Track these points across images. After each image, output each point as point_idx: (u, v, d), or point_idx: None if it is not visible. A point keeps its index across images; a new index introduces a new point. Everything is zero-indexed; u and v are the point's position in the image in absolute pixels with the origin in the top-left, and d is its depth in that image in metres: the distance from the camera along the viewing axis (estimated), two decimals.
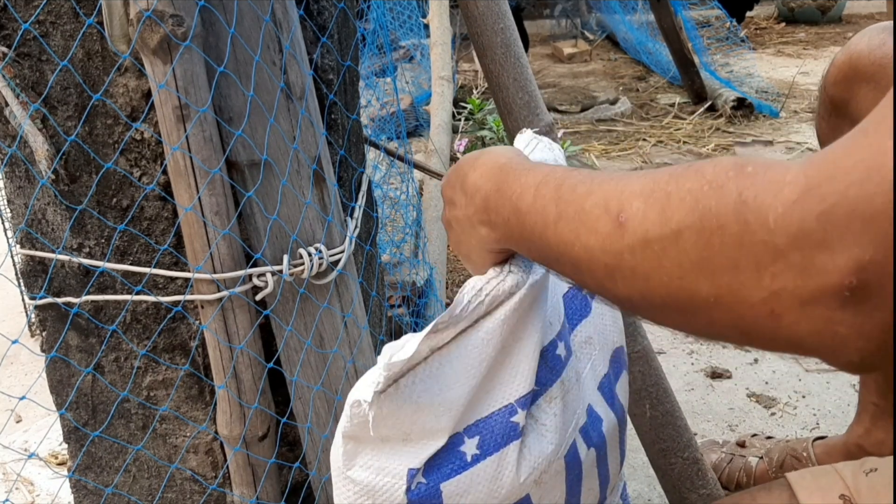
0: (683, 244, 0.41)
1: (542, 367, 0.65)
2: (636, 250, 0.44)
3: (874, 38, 0.96)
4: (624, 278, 0.45)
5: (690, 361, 1.68)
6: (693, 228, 0.40)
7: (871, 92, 0.96)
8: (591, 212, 0.47)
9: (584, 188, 0.49)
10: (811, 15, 5.20)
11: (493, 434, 0.60)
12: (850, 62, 0.98)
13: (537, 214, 0.53)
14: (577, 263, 0.49)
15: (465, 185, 0.62)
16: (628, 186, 0.46)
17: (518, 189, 0.55)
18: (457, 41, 3.68)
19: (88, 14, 0.74)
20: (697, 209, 0.41)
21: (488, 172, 0.60)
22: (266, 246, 0.81)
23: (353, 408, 0.57)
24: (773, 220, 0.37)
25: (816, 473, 0.70)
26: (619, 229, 0.45)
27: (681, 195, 0.42)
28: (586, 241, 0.47)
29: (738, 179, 0.40)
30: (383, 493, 0.58)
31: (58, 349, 0.88)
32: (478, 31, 1.16)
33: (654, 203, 0.43)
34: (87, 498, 0.95)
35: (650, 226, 0.43)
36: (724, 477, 1.27)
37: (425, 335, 0.56)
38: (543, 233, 0.52)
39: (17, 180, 0.85)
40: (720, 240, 0.39)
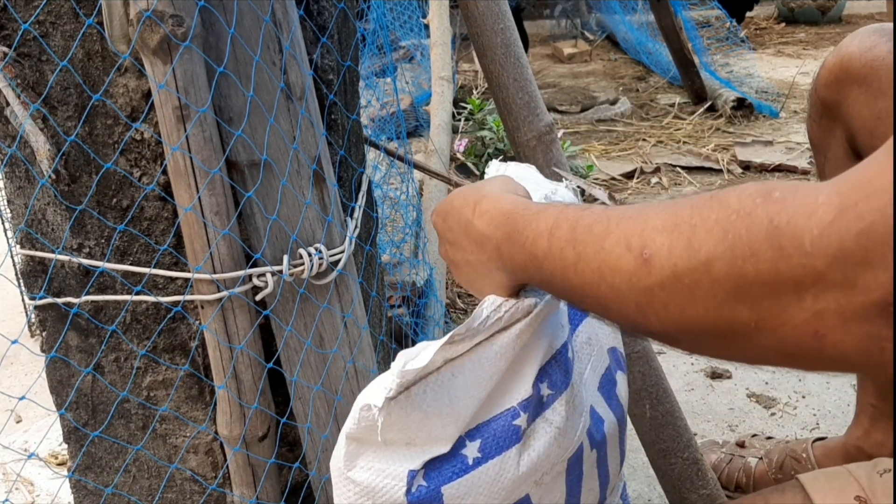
0: (716, 274, 0.41)
1: (557, 370, 0.65)
2: (666, 285, 0.43)
3: (865, 41, 0.96)
4: (656, 313, 0.45)
5: (690, 361, 1.68)
6: (724, 258, 0.40)
7: (863, 94, 0.96)
8: (611, 251, 0.47)
9: (601, 227, 0.49)
10: (811, 15, 5.20)
11: (496, 437, 0.61)
12: (842, 64, 0.98)
13: (555, 259, 0.52)
14: (604, 302, 0.49)
15: (470, 232, 0.62)
16: (648, 222, 0.46)
17: (531, 235, 0.55)
18: (457, 41, 3.68)
19: (88, 14, 0.74)
20: (727, 239, 0.40)
21: (495, 220, 0.59)
22: (266, 246, 0.81)
23: (363, 411, 0.57)
24: (810, 242, 0.37)
25: (830, 475, 0.70)
26: (645, 266, 0.44)
27: (707, 226, 0.42)
28: (611, 280, 0.47)
29: (766, 205, 0.39)
30: (383, 495, 0.58)
31: (58, 349, 0.88)
32: (478, 31, 1.16)
33: (678, 237, 0.43)
34: (87, 498, 0.95)
35: (677, 260, 0.43)
36: (723, 477, 1.27)
37: (441, 345, 0.56)
38: (564, 276, 0.51)
39: (17, 180, 0.85)
40: (755, 267, 0.39)
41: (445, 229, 0.66)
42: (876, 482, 0.67)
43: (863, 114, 0.96)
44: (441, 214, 0.67)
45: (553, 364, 0.65)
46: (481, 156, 2.72)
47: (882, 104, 0.93)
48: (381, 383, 0.57)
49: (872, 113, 0.95)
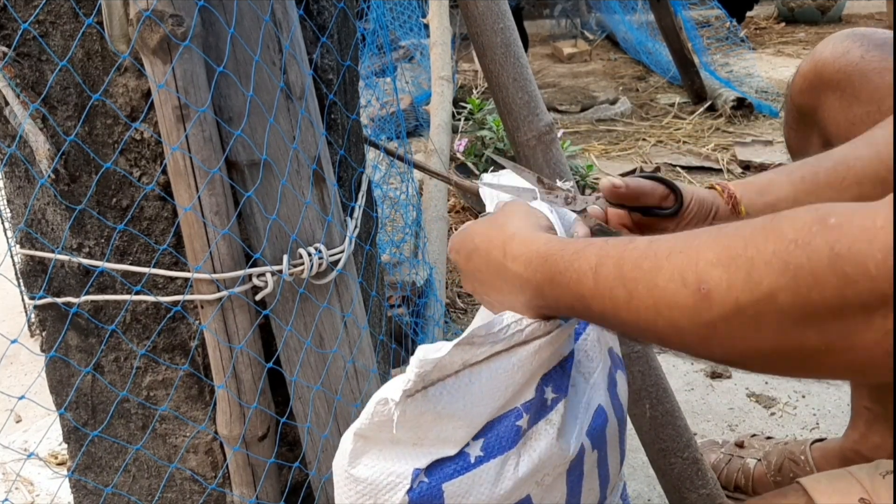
0: (780, 304, 0.41)
1: (561, 375, 0.66)
2: (729, 318, 0.44)
3: (838, 47, 0.96)
4: (721, 345, 0.45)
5: (690, 361, 1.68)
6: (788, 289, 0.41)
7: (838, 101, 0.96)
8: (666, 287, 0.47)
9: (650, 263, 0.49)
10: (811, 15, 5.20)
11: (499, 437, 0.61)
12: (815, 70, 0.98)
13: (604, 298, 0.52)
14: (662, 337, 0.49)
15: (504, 276, 0.61)
16: (701, 256, 0.46)
17: (574, 276, 0.55)
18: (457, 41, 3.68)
19: (88, 14, 0.74)
20: (789, 270, 0.41)
21: (532, 264, 0.59)
22: (266, 246, 0.81)
23: (379, 405, 0.57)
24: (875, 266, 0.38)
25: (832, 477, 0.70)
26: (705, 301, 0.45)
27: (765, 259, 0.42)
28: (669, 316, 0.47)
29: (824, 233, 0.40)
30: (385, 492, 0.58)
31: (57, 349, 0.88)
32: (478, 31, 1.16)
33: (736, 270, 0.43)
34: (87, 498, 0.95)
35: (739, 293, 0.43)
36: (722, 478, 1.27)
37: (459, 341, 0.57)
38: (616, 315, 0.51)
39: (17, 180, 0.85)
40: (820, 295, 0.40)
41: (473, 269, 0.66)
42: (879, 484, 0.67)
43: (838, 119, 0.96)
44: (462, 253, 0.67)
45: (558, 369, 0.65)
46: (481, 156, 2.72)
47: (857, 110, 0.94)
48: (400, 379, 0.57)
49: (847, 118, 0.95)
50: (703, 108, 3.41)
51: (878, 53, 0.93)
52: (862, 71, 0.93)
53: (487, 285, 0.65)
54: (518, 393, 0.62)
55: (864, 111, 0.93)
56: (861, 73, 0.93)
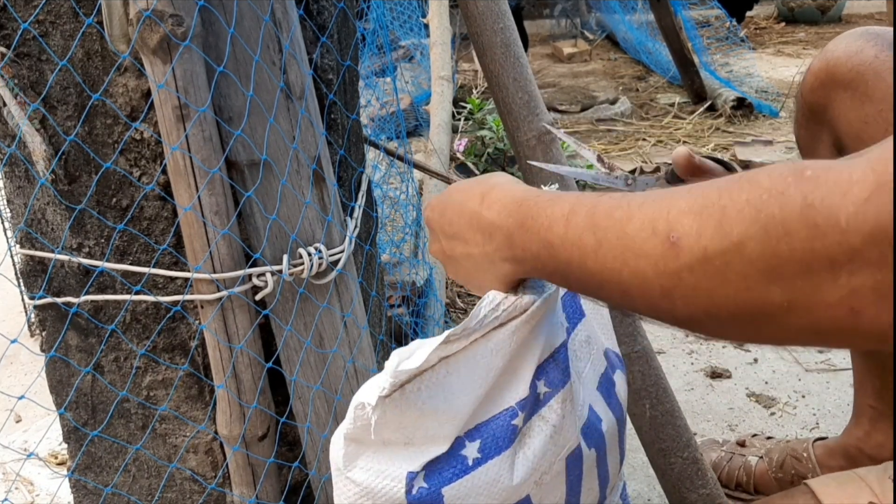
0: (748, 255, 0.41)
1: (554, 368, 0.65)
2: (695, 268, 0.43)
3: (851, 45, 0.96)
4: (684, 297, 0.44)
5: (690, 361, 1.68)
6: (757, 238, 0.40)
7: (849, 99, 0.95)
8: (636, 235, 0.46)
9: (622, 212, 0.48)
10: (811, 15, 5.21)
11: (495, 437, 0.61)
12: (827, 69, 0.98)
13: (572, 246, 0.51)
14: (626, 289, 0.48)
15: (477, 223, 0.61)
16: (673, 205, 0.45)
17: (545, 222, 0.54)
18: (457, 41, 3.68)
19: (88, 14, 0.74)
20: (759, 219, 0.40)
21: (507, 209, 0.58)
22: (266, 246, 0.81)
23: (357, 410, 0.57)
24: (846, 219, 0.37)
25: (840, 480, 0.69)
26: (673, 249, 0.44)
27: (738, 207, 0.41)
28: (635, 265, 0.46)
29: (799, 184, 0.39)
30: (383, 496, 0.58)
31: (57, 349, 0.88)
32: (478, 31, 1.16)
33: (708, 218, 0.43)
34: (87, 498, 0.95)
35: (708, 242, 0.42)
36: (723, 475, 1.27)
37: (437, 346, 0.56)
38: (582, 263, 0.51)
39: (17, 180, 0.85)
40: (788, 246, 0.39)
41: (444, 223, 0.65)
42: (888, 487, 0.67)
43: (849, 118, 0.96)
44: (437, 209, 0.66)
45: (551, 362, 0.65)
46: (481, 155, 2.72)
47: (868, 108, 0.93)
48: (376, 382, 0.57)
49: (859, 117, 0.95)
50: (703, 108, 3.41)
51: (892, 53, 0.93)
52: (876, 70, 0.93)
53: (456, 239, 0.63)
54: (511, 388, 0.62)
55: (877, 110, 0.93)
56: (875, 71, 0.93)
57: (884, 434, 1.11)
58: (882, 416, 1.10)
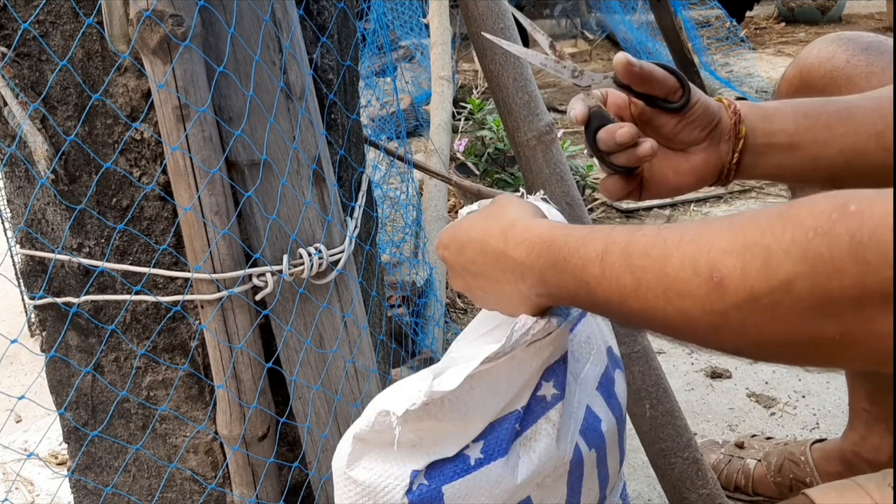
0: (798, 293, 0.41)
1: (564, 371, 0.66)
2: (743, 307, 0.43)
3: (823, 51, 0.96)
4: (732, 333, 0.45)
5: (690, 361, 1.68)
6: (806, 277, 0.40)
7: None
8: (676, 276, 0.46)
9: (659, 251, 0.48)
10: (811, 15, 5.21)
11: (499, 439, 0.61)
12: (801, 76, 0.98)
13: (610, 286, 0.51)
14: (671, 326, 0.48)
15: (506, 264, 0.60)
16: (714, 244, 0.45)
17: (579, 262, 0.54)
18: (457, 41, 3.68)
19: (88, 14, 0.74)
20: (807, 258, 0.40)
21: (535, 250, 0.58)
22: (266, 246, 0.81)
23: (380, 416, 0.57)
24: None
25: (840, 489, 0.69)
26: (718, 289, 0.44)
27: (783, 247, 0.41)
28: (679, 305, 0.46)
29: (845, 221, 0.39)
30: (384, 494, 0.58)
31: (57, 349, 0.88)
32: (478, 31, 1.16)
33: (752, 259, 0.43)
34: (87, 498, 0.95)
35: (754, 282, 0.42)
36: (722, 478, 1.27)
37: (473, 369, 0.56)
38: (622, 303, 0.51)
39: (17, 180, 0.85)
40: (839, 283, 0.39)
41: (465, 262, 0.64)
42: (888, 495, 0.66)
43: None
44: (452, 248, 0.65)
45: (560, 364, 0.65)
46: (481, 155, 2.72)
47: None
48: (405, 394, 0.56)
49: None
50: None
51: (864, 57, 0.92)
52: (848, 75, 0.92)
53: (483, 277, 0.63)
54: (518, 395, 0.62)
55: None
56: (847, 77, 0.92)
57: (879, 437, 1.11)
58: (876, 419, 1.10)
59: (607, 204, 2.59)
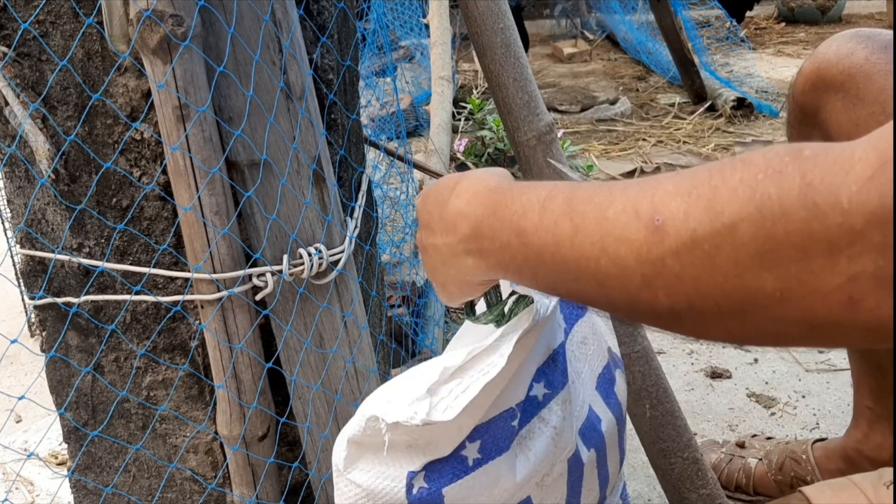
0: (741, 238, 0.38)
1: (554, 369, 0.65)
2: (681, 253, 0.40)
3: (842, 47, 0.96)
4: (667, 285, 0.41)
5: (690, 361, 1.68)
6: (751, 220, 0.37)
7: (840, 101, 0.95)
8: (616, 219, 0.43)
9: (602, 197, 0.45)
10: (811, 15, 5.21)
11: (495, 439, 0.61)
12: (818, 71, 0.98)
13: (547, 233, 0.48)
14: (603, 279, 0.45)
15: (444, 212, 0.58)
16: (658, 188, 0.42)
17: (519, 209, 0.51)
18: (457, 41, 3.68)
19: (88, 14, 0.74)
20: (754, 199, 0.37)
21: (477, 197, 0.55)
22: (266, 246, 0.81)
23: (370, 422, 0.57)
24: (847, 199, 0.34)
25: (836, 487, 0.69)
26: (657, 234, 0.41)
27: (731, 186, 0.39)
28: (615, 252, 0.43)
29: (797, 163, 0.37)
30: (384, 496, 0.58)
31: (57, 349, 0.88)
32: (478, 31, 1.16)
33: (697, 199, 0.40)
34: (87, 498, 0.95)
35: (696, 224, 0.39)
36: (723, 477, 1.27)
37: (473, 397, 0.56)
38: (556, 252, 0.47)
39: (17, 180, 0.85)
40: (784, 228, 0.36)
41: (424, 212, 0.62)
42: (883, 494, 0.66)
43: (840, 120, 0.95)
44: (422, 198, 0.64)
45: (550, 364, 0.65)
46: (481, 156, 2.72)
47: (860, 111, 0.93)
48: (396, 403, 0.56)
49: (850, 119, 0.94)
50: (703, 108, 3.41)
51: (884, 55, 0.92)
52: (867, 73, 0.92)
53: (427, 229, 0.61)
54: (512, 393, 0.62)
55: (868, 112, 0.92)
56: (865, 74, 0.92)
57: (882, 435, 1.11)
58: (880, 417, 1.10)
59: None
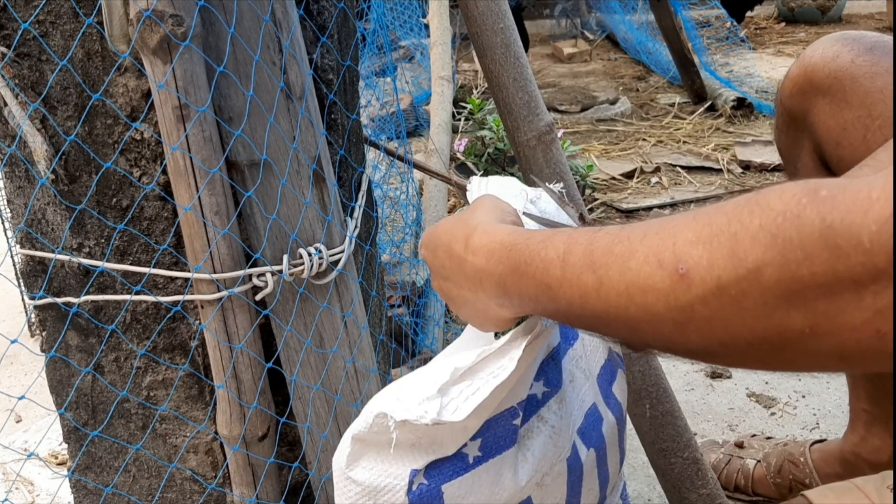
0: (766, 281, 0.39)
1: (553, 368, 0.65)
2: (709, 299, 0.41)
3: (828, 51, 0.95)
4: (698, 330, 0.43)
5: (690, 361, 1.68)
6: (775, 264, 0.39)
7: (828, 105, 0.94)
8: (639, 270, 0.45)
9: (622, 248, 0.46)
10: (811, 15, 5.20)
11: (496, 437, 0.60)
12: (805, 75, 0.97)
13: (571, 287, 0.49)
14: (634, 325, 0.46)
15: (463, 268, 0.59)
16: (679, 235, 0.43)
17: (540, 265, 0.52)
18: (457, 41, 3.68)
19: (88, 14, 0.74)
20: (776, 244, 0.39)
21: (495, 255, 0.56)
22: (266, 246, 0.81)
23: (378, 418, 0.57)
24: (869, 239, 0.36)
25: (838, 491, 0.69)
26: (683, 282, 0.42)
27: (751, 233, 0.40)
28: (643, 301, 0.44)
29: (815, 205, 0.38)
30: (385, 494, 0.58)
31: (57, 349, 0.88)
32: (478, 31, 1.16)
33: (719, 247, 0.41)
34: (87, 498, 0.95)
35: (721, 272, 0.41)
36: (721, 478, 1.27)
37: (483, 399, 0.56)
38: (584, 303, 0.49)
39: (17, 180, 0.85)
40: (809, 269, 0.38)
41: (438, 265, 0.63)
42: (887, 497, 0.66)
43: (829, 124, 0.95)
44: (430, 248, 0.64)
45: (550, 362, 0.65)
46: (481, 155, 2.72)
47: (847, 114, 0.92)
48: (406, 400, 0.56)
49: (838, 123, 0.94)
50: (703, 108, 3.41)
51: (869, 57, 0.92)
52: (853, 75, 0.92)
53: (450, 282, 0.62)
54: (515, 391, 0.62)
55: (855, 116, 0.92)
56: (852, 77, 0.92)
57: (879, 438, 1.11)
58: (876, 420, 1.10)
59: (607, 204, 2.59)
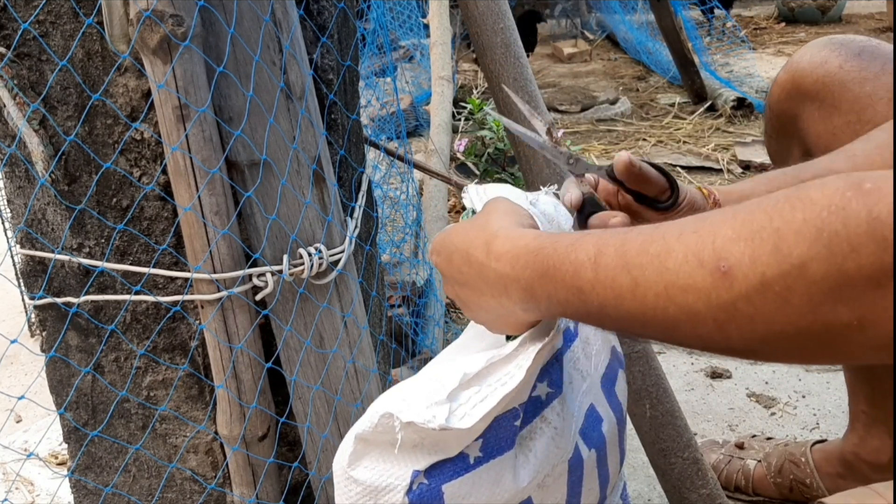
0: (812, 276, 0.39)
1: (557, 369, 0.65)
2: (752, 296, 0.41)
3: (815, 56, 0.95)
4: (740, 328, 0.43)
5: (690, 361, 1.68)
6: (820, 258, 0.39)
7: (817, 110, 0.94)
8: (679, 269, 0.44)
9: (658, 247, 0.46)
10: (811, 15, 5.20)
11: (497, 438, 0.60)
12: (793, 81, 0.97)
13: (605, 289, 0.49)
14: (672, 325, 0.46)
15: (485, 274, 0.58)
16: (718, 233, 0.43)
17: (570, 269, 0.51)
18: (457, 41, 3.68)
19: (88, 14, 0.74)
20: (822, 238, 0.39)
21: (520, 261, 0.55)
22: (266, 246, 0.81)
23: (384, 418, 0.57)
24: None
25: (857, 496, 0.69)
26: (725, 280, 0.42)
27: (795, 228, 0.40)
28: (682, 301, 0.44)
29: (861, 198, 0.38)
30: (385, 493, 0.58)
31: (57, 349, 0.88)
32: (478, 31, 1.16)
33: (761, 243, 0.41)
34: (87, 498, 0.95)
35: (765, 268, 0.40)
36: (722, 478, 1.27)
37: (491, 407, 0.56)
38: (618, 306, 0.48)
39: (17, 180, 0.85)
40: (856, 262, 0.38)
41: (453, 271, 0.62)
42: None
43: (818, 129, 0.95)
44: (443, 255, 0.64)
45: (554, 363, 0.65)
46: (481, 156, 2.72)
47: (837, 120, 0.92)
48: (412, 403, 0.56)
49: (827, 129, 0.93)
50: (703, 108, 3.41)
51: (857, 62, 0.92)
52: (841, 81, 0.92)
53: (468, 288, 0.61)
54: (518, 393, 0.62)
55: (845, 121, 0.92)
56: (840, 82, 0.92)
57: (879, 439, 1.11)
58: (876, 421, 1.10)
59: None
